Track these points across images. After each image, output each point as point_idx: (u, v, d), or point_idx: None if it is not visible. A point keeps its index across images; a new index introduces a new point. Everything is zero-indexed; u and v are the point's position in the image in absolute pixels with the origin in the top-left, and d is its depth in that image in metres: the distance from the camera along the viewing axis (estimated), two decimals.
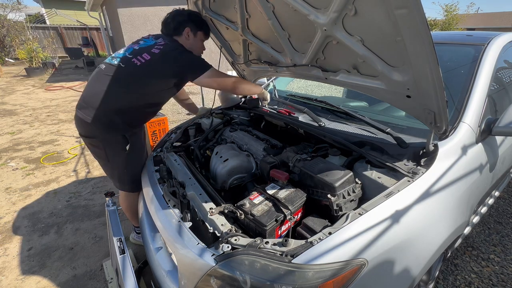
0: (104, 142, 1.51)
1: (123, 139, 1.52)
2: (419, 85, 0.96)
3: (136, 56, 1.45)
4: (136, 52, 1.48)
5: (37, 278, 1.81)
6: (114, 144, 1.52)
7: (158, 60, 1.45)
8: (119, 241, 1.28)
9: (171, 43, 1.53)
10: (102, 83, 1.45)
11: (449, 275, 1.78)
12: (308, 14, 1.10)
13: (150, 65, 1.44)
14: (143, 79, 1.45)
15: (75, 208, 2.53)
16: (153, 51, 1.47)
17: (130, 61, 1.44)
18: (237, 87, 1.61)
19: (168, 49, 1.48)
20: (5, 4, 12.99)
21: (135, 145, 1.58)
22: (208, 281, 0.88)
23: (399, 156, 1.19)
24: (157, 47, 1.48)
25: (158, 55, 1.45)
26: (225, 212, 1.07)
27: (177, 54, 1.48)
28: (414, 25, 0.78)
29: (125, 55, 1.48)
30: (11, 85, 8.19)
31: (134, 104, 1.49)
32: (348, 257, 0.83)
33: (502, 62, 1.63)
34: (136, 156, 1.62)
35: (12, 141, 4.10)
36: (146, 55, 1.45)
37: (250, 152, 1.62)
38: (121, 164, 1.59)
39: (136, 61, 1.44)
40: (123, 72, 1.44)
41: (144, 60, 1.44)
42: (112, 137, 1.50)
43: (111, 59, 1.51)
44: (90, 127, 1.46)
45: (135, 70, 1.44)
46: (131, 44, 1.56)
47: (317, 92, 2.73)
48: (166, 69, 1.46)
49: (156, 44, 1.50)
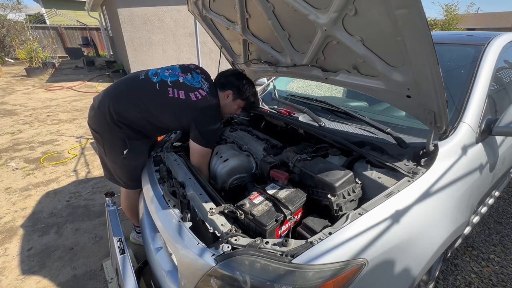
0: (104, 140, 1.52)
1: (123, 143, 1.51)
2: (419, 85, 0.96)
3: (174, 89, 1.45)
4: (176, 85, 1.47)
5: (37, 278, 1.81)
6: (113, 145, 1.52)
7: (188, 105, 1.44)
8: (119, 241, 1.28)
9: (210, 99, 1.48)
10: (130, 88, 1.47)
11: (449, 275, 1.78)
12: (308, 14, 1.10)
13: (178, 104, 1.44)
14: (165, 108, 1.45)
15: (75, 208, 2.53)
16: (190, 95, 1.45)
17: (166, 89, 1.44)
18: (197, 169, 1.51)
19: (204, 103, 1.46)
20: (5, 4, 12.99)
21: (133, 151, 1.55)
22: (208, 281, 0.88)
23: (399, 156, 1.19)
24: (196, 95, 1.46)
25: (193, 102, 1.44)
26: (225, 212, 1.07)
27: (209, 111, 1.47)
28: (414, 25, 0.78)
29: (166, 81, 1.48)
30: (11, 85, 8.19)
31: (144, 120, 1.48)
32: (348, 257, 0.83)
33: (502, 62, 1.63)
34: (132, 163, 1.59)
35: (12, 141, 4.10)
36: (182, 94, 1.44)
37: (250, 152, 1.62)
38: (117, 164, 1.59)
39: (170, 92, 1.44)
40: (154, 92, 1.44)
41: (178, 96, 1.44)
42: (112, 138, 1.50)
43: (153, 74, 1.50)
44: (100, 121, 1.47)
45: (164, 98, 1.44)
46: (180, 71, 1.54)
47: (317, 92, 2.73)
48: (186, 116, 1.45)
49: (198, 90, 1.48)
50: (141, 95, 1.44)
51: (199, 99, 1.45)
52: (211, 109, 1.49)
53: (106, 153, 1.57)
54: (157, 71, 1.53)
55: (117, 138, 1.49)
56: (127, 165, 1.59)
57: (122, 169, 1.61)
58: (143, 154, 1.64)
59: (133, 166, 1.61)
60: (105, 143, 1.53)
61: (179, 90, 1.45)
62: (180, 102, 1.44)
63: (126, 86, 1.50)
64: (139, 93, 1.45)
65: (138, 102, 1.43)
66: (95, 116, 1.49)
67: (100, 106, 1.46)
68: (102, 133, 1.50)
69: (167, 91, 1.44)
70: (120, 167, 1.60)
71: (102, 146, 1.56)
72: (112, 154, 1.56)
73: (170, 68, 1.55)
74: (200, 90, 1.48)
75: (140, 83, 1.48)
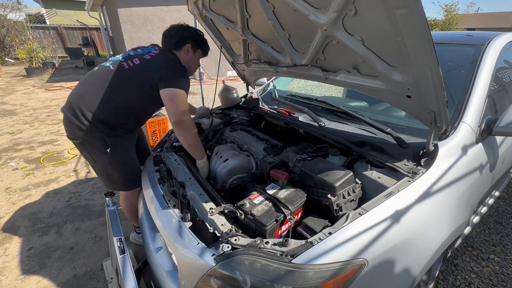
0: (86, 144, 1.51)
1: (103, 141, 1.49)
2: (419, 85, 0.96)
3: (127, 60, 1.47)
4: (129, 57, 1.50)
5: (37, 278, 1.81)
6: (95, 146, 1.51)
7: (145, 65, 1.46)
8: (119, 241, 1.28)
9: (167, 53, 1.53)
10: (89, 83, 1.48)
11: (449, 275, 1.78)
12: (308, 14, 1.10)
13: (137, 69, 1.45)
14: (127, 81, 1.46)
15: (75, 208, 2.53)
16: (145, 56, 1.48)
17: (120, 65, 1.46)
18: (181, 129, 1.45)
19: (160, 57, 1.49)
20: (5, 4, 12.99)
21: (117, 148, 1.53)
22: (208, 281, 0.88)
23: (399, 156, 1.19)
24: (150, 54, 1.50)
25: (148, 60, 1.47)
26: (225, 212, 1.07)
27: (167, 61, 1.49)
28: (414, 25, 0.78)
29: (118, 59, 1.50)
30: (11, 85, 8.19)
31: (115, 107, 1.47)
32: (348, 257, 0.83)
33: (502, 62, 1.63)
34: (120, 160, 1.57)
35: (12, 141, 4.10)
36: (136, 60, 1.47)
37: (250, 152, 1.62)
38: (106, 165, 1.58)
39: (125, 65, 1.46)
40: (111, 74, 1.45)
41: (133, 64, 1.46)
42: (92, 140, 1.48)
43: (105, 61, 1.54)
44: (74, 129, 1.46)
45: (121, 73, 1.45)
46: (130, 50, 1.57)
47: (317, 92, 2.73)
48: (149, 73, 1.46)
49: (151, 52, 1.52)
50: (103, 83, 1.44)
51: (154, 56, 1.48)
52: (171, 60, 1.50)
53: (94, 158, 1.56)
54: (107, 59, 1.56)
55: (96, 138, 1.48)
56: (116, 164, 1.58)
57: (113, 169, 1.59)
58: (128, 149, 1.62)
59: (122, 163, 1.60)
60: (88, 148, 1.52)
61: (132, 59, 1.47)
62: (138, 67, 1.45)
63: (87, 83, 1.50)
64: (100, 83, 1.45)
65: (103, 91, 1.43)
66: (69, 125, 1.47)
67: (71, 112, 1.44)
68: (81, 139, 1.48)
69: (121, 65, 1.45)
70: (110, 168, 1.58)
71: (88, 153, 1.55)
72: (98, 156, 1.54)
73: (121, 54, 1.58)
74: (152, 51, 1.52)
75: (96, 74, 1.50)
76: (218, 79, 5.56)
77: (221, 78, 7.42)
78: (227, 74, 8.45)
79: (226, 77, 8.47)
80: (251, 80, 2.23)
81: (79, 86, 1.52)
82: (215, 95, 2.09)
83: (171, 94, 1.42)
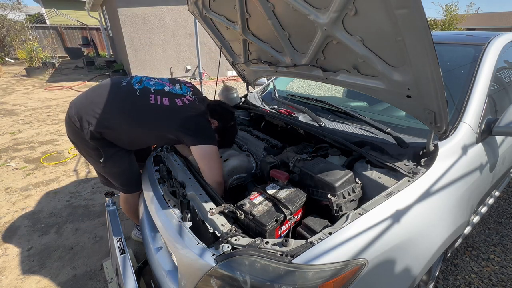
0: (80, 149, 1.50)
1: (97, 152, 1.44)
2: (419, 85, 0.96)
3: (157, 95, 1.34)
4: (160, 92, 1.37)
5: (37, 278, 1.81)
6: (89, 154, 1.48)
7: (171, 112, 1.33)
8: (119, 241, 1.28)
9: (199, 105, 1.39)
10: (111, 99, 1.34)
11: (449, 275, 1.78)
12: (308, 14, 1.10)
13: (160, 111, 1.33)
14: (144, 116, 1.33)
15: (75, 208, 2.53)
16: (176, 100, 1.36)
17: (147, 96, 1.34)
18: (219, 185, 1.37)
19: (190, 109, 1.35)
20: (5, 4, 12.98)
21: (110, 159, 1.46)
22: (208, 281, 0.88)
23: (399, 156, 1.19)
24: (183, 100, 1.37)
25: (177, 108, 1.34)
26: (225, 212, 1.06)
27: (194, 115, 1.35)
28: (414, 25, 0.78)
29: (150, 88, 1.37)
30: (11, 85, 8.19)
31: (124, 133, 1.40)
32: (348, 257, 0.83)
33: (502, 62, 1.63)
34: (114, 170, 1.53)
35: (12, 141, 4.09)
36: (166, 101, 1.34)
37: (250, 152, 1.62)
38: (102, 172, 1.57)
39: (152, 99, 1.33)
40: (134, 100, 1.34)
41: (160, 103, 1.33)
42: (86, 148, 1.45)
43: (136, 82, 1.40)
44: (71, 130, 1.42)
45: (144, 105, 1.33)
46: (168, 82, 1.46)
47: (317, 92, 2.73)
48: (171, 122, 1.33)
49: (186, 96, 1.39)
50: (119, 102, 1.33)
51: (186, 104, 1.35)
52: (200, 113, 1.37)
53: (91, 163, 1.54)
54: (142, 78, 1.43)
55: (90, 148, 1.43)
56: (110, 173, 1.55)
57: (108, 176, 1.58)
58: (123, 160, 1.51)
59: (117, 173, 1.55)
60: (82, 152, 1.51)
61: (163, 97, 1.34)
62: (164, 109, 1.32)
63: (107, 95, 1.34)
64: (116, 100, 1.33)
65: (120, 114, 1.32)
66: (68, 124, 1.41)
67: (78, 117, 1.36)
68: (76, 143, 1.46)
69: (148, 97, 1.32)
70: (105, 174, 1.57)
71: (85, 156, 1.54)
72: (92, 162, 1.52)
73: (158, 78, 1.47)
74: (187, 96, 1.40)
75: (121, 93, 1.36)
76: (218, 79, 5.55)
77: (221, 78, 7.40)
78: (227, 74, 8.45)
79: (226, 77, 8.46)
80: (251, 80, 2.23)
81: (96, 92, 1.38)
82: (215, 95, 2.09)
83: (203, 150, 1.31)
